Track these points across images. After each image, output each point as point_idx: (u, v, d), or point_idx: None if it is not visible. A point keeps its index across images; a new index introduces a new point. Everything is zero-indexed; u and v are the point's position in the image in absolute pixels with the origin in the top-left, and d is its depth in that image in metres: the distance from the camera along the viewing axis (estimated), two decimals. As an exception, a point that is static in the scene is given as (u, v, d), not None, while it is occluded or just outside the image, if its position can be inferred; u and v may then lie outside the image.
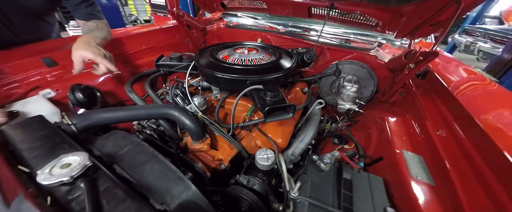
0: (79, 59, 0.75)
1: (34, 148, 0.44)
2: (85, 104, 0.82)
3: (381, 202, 0.46)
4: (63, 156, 0.39)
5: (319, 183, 0.50)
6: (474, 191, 0.45)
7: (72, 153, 0.39)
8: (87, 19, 0.97)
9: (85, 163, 0.37)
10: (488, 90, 0.72)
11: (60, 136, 0.49)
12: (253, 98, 0.75)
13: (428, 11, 0.81)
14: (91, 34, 0.87)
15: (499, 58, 2.36)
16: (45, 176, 0.35)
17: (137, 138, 0.57)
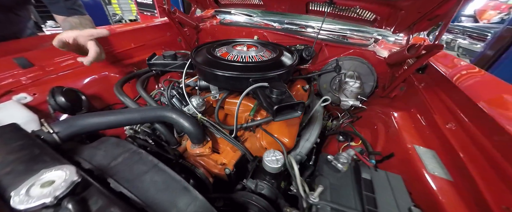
0: (59, 38, 0.67)
1: (7, 163, 0.37)
2: (68, 109, 0.73)
3: (404, 201, 0.43)
4: (44, 171, 0.32)
5: (338, 185, 0.46)
6: (495, 184, 0.44)
7: (56, 167, 0.33)
8: (67, 14, 0.87)
9: (72, 178, 0.31)
10: (488, 80, 0.72)
11: (39, 146, 0.42)
12: (258, 97, 0.71)
13: (428, 5, 0.80)
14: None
15: (483, 54, 2.50)
16: (22, 198, 0.28)
17: (132, 144, 0.51)
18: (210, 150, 0.75)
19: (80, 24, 0.85)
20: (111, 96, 1.03)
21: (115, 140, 0.53)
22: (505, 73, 2.14)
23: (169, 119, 0.68)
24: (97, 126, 0.56)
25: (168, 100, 0.82)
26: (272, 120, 0.80)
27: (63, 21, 0.86)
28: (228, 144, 0.84)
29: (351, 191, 0.45)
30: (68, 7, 0.87)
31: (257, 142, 0.81)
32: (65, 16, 0.87)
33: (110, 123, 0.58)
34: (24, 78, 0.78)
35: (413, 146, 0.62)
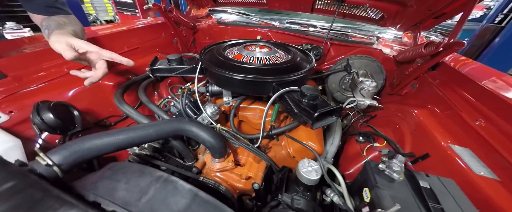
0: (65, 47, 0.57)
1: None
2: (58, 128, 0.60)
3: (468, 209, 0.41)
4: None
5: (399, 197, 0.42)
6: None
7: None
8: (48, 14, 0.73)
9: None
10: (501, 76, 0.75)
11: (38, 186, 0.31)
12: (285, 102, 0.65)
13: (440, 3, 0.81)
14: (67, 30, 0.66)
15: (463, 52, 2.73)
16: None
17: (157, 169, 0.41)
18: (233, 164, 0.67)
19: (69, 23, 0.72)
20: (104, 108, 0.89)
21: (132, 165, 0.44)
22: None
23: (187, 133, 0.59)
24: (105, 149, 0.46)
25: (183, 111, 0.73)
26: (297, 126, 0.76)
27: (45, 20, 0.71)
28: (249, 154, 0.77)
29: (415, 203, 0.41)
30: (49, 5, 0.72)
31: (282, 150, 0.75)
32: (46, 16, 0.73)
33: (121, 143, 0.48)
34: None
35: (449, 145, 0.62)
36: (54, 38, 0.59)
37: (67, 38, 0.60)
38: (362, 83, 0.94)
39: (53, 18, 0.72)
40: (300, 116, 0.61)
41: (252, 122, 0.90)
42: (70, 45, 0.59)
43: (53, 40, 0.59)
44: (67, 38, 0.59)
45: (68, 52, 0.57)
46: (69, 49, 0.58)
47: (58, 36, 0.60)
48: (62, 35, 0.61)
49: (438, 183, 0.46)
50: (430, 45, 0.79)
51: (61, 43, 0.58)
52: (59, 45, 0.57)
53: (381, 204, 0.41)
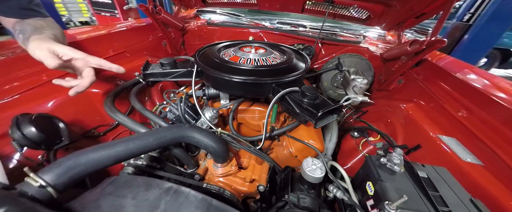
0: (47, 54, 0.51)
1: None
2: (42, 142, 0.54)
3: (462, 194, 0.45)
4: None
5: (402, 188, 0.45)
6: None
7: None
8: (21, 17, 0.65)
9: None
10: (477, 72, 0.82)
11: (34, 211, 0.28)
12: (286, 102, 0.66)
13: (422, 4, 0.87)
14: (47, 34, 0.60)
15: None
16: None
17: (164, 180, 0.40)
18: (236, 167, 0.66)
19: (47, 27, 0.64)
20: (91, 118, 0.83)
21: (136, 178, 0.41)
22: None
23: (189, 139, 0.57)
24: (103, 164, 0.43)
25: (182, 117, 0.70)
26: (297, 126, 0.77)
27: (19, 24, 0.63)
28: (251, 156, 0.77)
29: (416, 193, 0.44)
30: (22, 7, 0.65)
31: (284, 150, 0.76)
32: (19, 19, 0.65)
33: (120, 155, 0.45)
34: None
35: (437, 136, 0.67)
36: (34, 45, 0.53)
37: (49, 44, 0.54)
38: (354, 80, 0.98)
39: (28, 21, 0.64)
40: (301, 115, 0.62)
41: (251, 123, 0.89)
42: (53, 52, 0.53)
43: (32, 46, 0.53)
44: (48, 44, 0.53)
45: (51, 60, 0.51)
46: (51, 57, 0.52)
47: (38, 42, 0.53)
48: (42, 40, 0.55)
49: (433, 172, 0.50)
50: (414, 43, 0.85)
51: (42, 50, 0.52)
52: (40, 53, 0.51)
53: (386, 197, 0.43)
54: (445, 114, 0.72)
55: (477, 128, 0.61)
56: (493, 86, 0.69)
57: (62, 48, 0.55)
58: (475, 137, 0.60)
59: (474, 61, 2.67)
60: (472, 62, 2.50)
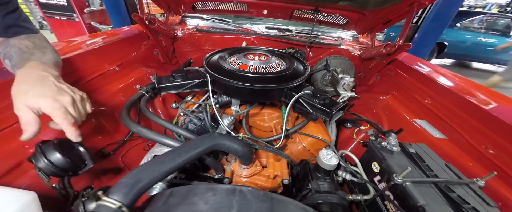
0: (27, 114, 0.42)
1: None
2: (69, 169, 0.52)
3: (439, 161, 0.61)
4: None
5: (401, 163, 0.59)
6: (473, 134, 0.68)
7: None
8: (7, 35, 0.58)
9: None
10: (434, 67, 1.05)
11: None
12: (299, 104, 0.75)
13: (390, 14, 1.07)
14: (38, 61, 0.53)
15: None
16: None
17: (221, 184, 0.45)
18: (260, 167, 0.73)
19: (34, 48, 0.56)
20: (98, 137, 0.79)
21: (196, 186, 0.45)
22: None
23: (222, 146, 0.62)
24: (157, 179, 0.45)
25: (209, 126, 0.73)
26: (307, 123, 0.87)
27: (3, 45, 0.56)
28: (269, 155, 0.84)
29: (411, 165, 0.58)
30: (9, 24, 0.57)
31: (297, 146, 0.85)
32: (3, 38, 0.59)
33: (170, 170, 0.47)
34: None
35: (413, 120, 0.85)
36: (16, 89, 0.44)
37: (31, 98, 0.43)
38: (343, 79, 1.13)
39: (13, 41, 0.56)
40: (313, 114, 0.72)
41: (261, 125, 0.97)
42: (36, 110, 0.43)
43: (15, 91, 0.44)
44: (29, 99, 0.43)
45: (29, 128, 0.42)
46: (29, 122, 0.42)
47: (23, 84, 0.44)
48: (30, 81, 0.45)
49: (418, 148, 0.66)
50: (387, 46, 1.04)
51: (21, 109, 0.42)
52: (19, 108, 0.42)
53: (392, 171, 0.56)
54: (416, 102, 0.92)
55: (439, 110, 0.81)
56: (444, 77, 0.91)
57: (38, 104, 0.43)
58: (439, 118, 0.80)
59: (424, 55, 3.24)
60: (422, 56, 3.05)
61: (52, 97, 0.45)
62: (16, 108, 0.43)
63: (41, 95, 0.44)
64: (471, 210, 0.46)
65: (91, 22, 3.35)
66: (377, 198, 0.63)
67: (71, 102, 0.49)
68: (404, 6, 0.98)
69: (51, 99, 0.45)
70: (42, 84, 0.47)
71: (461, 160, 0.66)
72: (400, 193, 0.53)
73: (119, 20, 2.35)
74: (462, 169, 0.60)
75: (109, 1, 2.34)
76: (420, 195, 0.50)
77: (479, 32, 4.88)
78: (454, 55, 5.42)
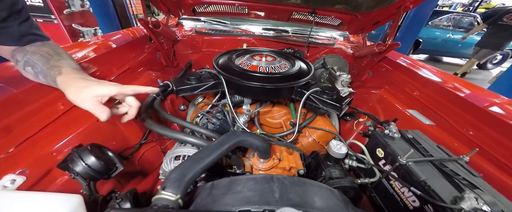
0: (95, 102, 0.48)
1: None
2: (104, 172, 0.54)
3: (432, 144, 0.71)
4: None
5: (403, 147, 0.68)
6: (456, 120, 0.80)
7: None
8: (20, 44, 0.57)
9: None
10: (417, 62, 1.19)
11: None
12: (310, 100, 0.82)
13: (379, 16, 1.19)
14: (69, 67, 0.55)
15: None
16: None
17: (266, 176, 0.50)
18: (278, 160, 0.79)
19: (56, 55, 0.58)
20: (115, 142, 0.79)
21: (237, 177, 0.50)
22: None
23: (245, 143, 0.67)
24: (198, 174, 0.49)
25: (231, 125, 0.77)
26: (315, 118, 0.95)
27: (19, 53, 0.56)
28: (282, 149, 0.90)
29: (410, 148, 0.68)
30: (23, 33, 0.57)
31: (308, 139, 0.92)
32: (17, 46, 0.58)
33: (207, 165, 0.51)
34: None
35: (405, 110, 0.96)
36: (72, 90, 0.49)
37: (90, 89, 0.48)
38: (340, 76, 1.23)
39: (30, 49, 0.57)
40: (323, 109, 0.80)
41: (271, 122, 1.03)
42: (100, 99, 0.49)
43: (71, 92, 0.48)
44: (91, 91, 0.48)
45: (104, 114, 0.49)
46: (102, 108, 0.49)
47: (77, 89, 0.49)
48: (79, 85, 0.49)
49: (414, 134, 0.76)
50: (379, 45, 1.15)
51: (90, 100, 0.48)
52: (90, 105, 0.48)
53: (396, 154, 0.65)
54: (406, 94, 1.04)
55: (426, 101, 0.93)
56: (428, 71, 1.04)
57: (103, 91, 0.50)
58: (427, 107, 0.92)
59: (405, 52, 3.54)
60: (403, 52, 3.33)
61: (112, 84, 0.52)
62: (83, 101, 0.48)
63: (104, 84, 0.51)
64: (462, 180, 0.56)
65: (72, 24, 3.15)
66: (383, 179, 0.72)
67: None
68: (392, 9, 1.09)
69: (113, 85, 0.52)
70: (94, 81, 0.52)
71: (448, 141, 0.78)
72: (404, 172, 0.62)
73: (108, 22, 2.23)
74: (450, 149, 0.71)
75: (96, 2, 2.21)
76: (421, 172, 0.59)
77: (447, 30, 5.40)
78: (428, 51, 5.93)
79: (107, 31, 2.35)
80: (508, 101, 0.77)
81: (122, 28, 2.55)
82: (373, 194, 0.76)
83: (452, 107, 0.84)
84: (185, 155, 0.74)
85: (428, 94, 0.95)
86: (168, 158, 0.77)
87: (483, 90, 0.86)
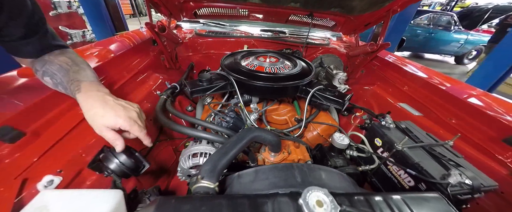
0: (110, 133, 0.51)
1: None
2: (135, 169, 0.58)
3: (421, 132, 0.81)
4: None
5: (398, 136, 0.77)
6: (441, 110, 0.92)
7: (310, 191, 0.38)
8: (40, 55, 0.58)
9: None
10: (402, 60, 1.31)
11: (225, 197, 0.41)
12: (314, 97, 0.89)
13: (370, 18, 1.29)
14: (87, 80, 0.56)
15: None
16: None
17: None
18: (287, 153, 0.86)
19: (74, 64, 0.59)
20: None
21: (260, 167, 0.56)
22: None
23: (259, 138, 0.72)
24: (226, 165, 0.54)
25: (245, 123, 0.82)
26: (318, 113, 1.03)
27: (38, 63, 0.56)
28: (289, 143, 0.97)
29: (404, 136, 0.77)
30: (43, 47, 0.57)
31: (312, 133, 1.00)
32: (34, 58, 0.58)
33: (232, 157, 0.57)
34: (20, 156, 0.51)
35: (397, 104, 1.07)
36: (91, 112, 0.50)
37: (104, 120, 0.50)
38: (337, 74, 1.32)
39: (49, 58, 0.57)
40: (326, 105, 0.88)
41: (277, 119, 1.09)
42: (115, 127, 0.51)
43: (90, 114, 0.50)
44: (104, 121, 0.50)
45: (119, 141, 0.52)
46: (114, 136, 0.51)
47: (93, 109, 0.50)
48: (97, 114, 0.50)
49: (406, 124, 0.86)
50: (371, 45, 1.25)
51: (102, 130, 0.50)
52: (104, 133, 0.50)
53: (392, 142, 0.74)
54: (397, 89, 1.15)
55: (415, 95, 1.05)
56: (415, 68, 1.16)
57: (115, 123, 0.51)
58: (415, 100, 1.03)
59: (392, 50, 3.76)
60: (390, 50, 3.54)
61: (126, 116, 0.53)
62: (98, 130, 0.51)
63: (117, 116, 0.52)
64: (448, 161, 0.66)
65: (59, 27, 3.02)
66: (381, 165, 0.81)
67: (137, 116, 0.57)
68: (382, 12, 1.20)
69: (127, 118, 0.53)
70: (111, 106, 0.53)
71: (435, 129, 0.89)
72: (400, 156, 0.71)
73: (100, 24, 2.17)
74: (437, 135, 0.82)
75: (87, 4, 2.12)
76: (415, 156, 0.68)
77: (428, 28, 5.77)
78: (411, 48, 6.30)
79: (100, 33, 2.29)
80: (483, 93, 0.90)
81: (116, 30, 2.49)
82: (373, 179, 0.85)
83: (437, 99, 0.95)
84: (202, 152, 0.79)
85: (415, 89, 1.06)
86: (185, 156, 0.81)
87: (461, 84, 0.98)
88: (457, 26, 5.77)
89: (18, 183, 0.45)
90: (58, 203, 0.43)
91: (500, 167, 0.69)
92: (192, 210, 0.37)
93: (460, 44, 5.87)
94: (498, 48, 2.90)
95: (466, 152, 0.76)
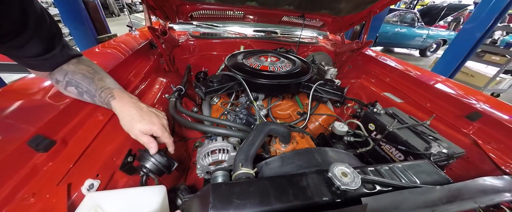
0: (146, 137, 0.56)
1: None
2: (168, 167, 0.61)
3: (405, 116, 0.97)
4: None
5: (388, 120, 0.92)
6: (422, 99, 1.09)
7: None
8: (58, 66, 0.57)
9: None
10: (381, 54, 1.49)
11: (272, 179, 0.48)
12: (316, 91, 1.00)
13: (354, 18, 1.44)
14: (116, 87, 0.60)
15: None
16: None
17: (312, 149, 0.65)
18: (295, 143, 0.95)
19: (94, 72, 0.60)
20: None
21: (282, 154, 0.63)
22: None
23: (273, 131, 0.81)
24: (254, 154, 0.61)
25: (259, 119, 0.89)
26: (318, 106, 1.14)
27: (59, 73, 0.56)
28: (294, 134, 1.07)
29: (393, 120, 0.92)
30: (62, 60, 0.57)
31: (314, 124, 1.11)
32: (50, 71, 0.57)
33: (257, 148, 0.64)
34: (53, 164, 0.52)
35: (382, 93, 1.23)
36: (127, 118, 0.54)
37: (140, 125, 0.54)
38: (329, 70, 1.45)
39: (68, 68, 0.57)
40: (326, 97, 0.99)
41: (281, 114, 1.18)
42: (148, 132, 0.56)
43: (131, 130, 0.54)
44: (140, 126, 0.54)
45: (153, 144, 0.56)
46: (148, 140, 0.56)
47: (133, 124, 0.54)
48: (134, 120, 0.55)
49: (393, 109, 1.01)
50: (357, 43, 1.41)
51: (138, 135, 0.55)
52: (139, 137, 0.55)
53: (384, 126, 0.88)
54: (380, 81, 1.32)
55: (396, 85, 1.22)
56: (392, 61, 1.34)
57: (150, 129, 0.56)
58: (397, 89, 1.20)
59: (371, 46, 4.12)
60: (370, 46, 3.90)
61: (159, 124, 0.58)
62: (134, 134, 0.55)
63: (152, 124, 0.56)
64: (428, 137, 0.82)
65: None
66: (375, 146, 0.95)
67: (167, 123, 0.62)
68: (365, 12, 1.35)
69: (160, 126, 0.58)
70: (146, 113, 0.58)
71: (415, 112, 1.06)
72: (392, 136, 0.85)
73: (80, 27, 1.99)
74: (417, 117, 0.98)
75: (64, 6, 1.91)
76: (403, 135, 0.82)
77: (396, 24, 6.38)
78: (383, 44, 6.90)
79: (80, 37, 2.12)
80: (446, 79, 1.09)
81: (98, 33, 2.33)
82: (369, 159, 0.99)
83: (413, 87, 1.13)
84: (220, 149, 0.84)
85: (396, 80, 1.24)
86: (203, 154, 0.85)
87: (430, 72, 1.17)
88: (420, 23, 6.48)
89: (64, 188, 0.46)
90: (109, 202, 0.47)
91: (465, 138, 0.86)
92: (243, 191, 0.43)
93: (423, 38, 6.61)
94: (454, 42, 3.37)
95: (439, 128, 0.94)
